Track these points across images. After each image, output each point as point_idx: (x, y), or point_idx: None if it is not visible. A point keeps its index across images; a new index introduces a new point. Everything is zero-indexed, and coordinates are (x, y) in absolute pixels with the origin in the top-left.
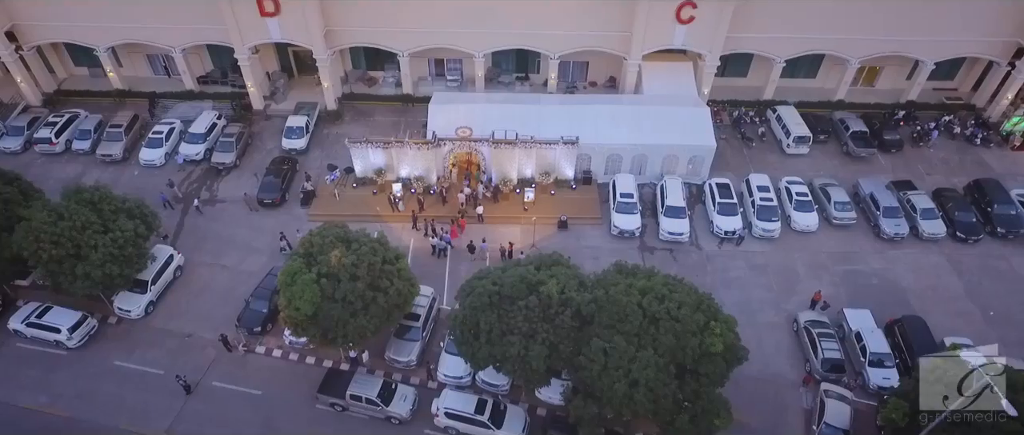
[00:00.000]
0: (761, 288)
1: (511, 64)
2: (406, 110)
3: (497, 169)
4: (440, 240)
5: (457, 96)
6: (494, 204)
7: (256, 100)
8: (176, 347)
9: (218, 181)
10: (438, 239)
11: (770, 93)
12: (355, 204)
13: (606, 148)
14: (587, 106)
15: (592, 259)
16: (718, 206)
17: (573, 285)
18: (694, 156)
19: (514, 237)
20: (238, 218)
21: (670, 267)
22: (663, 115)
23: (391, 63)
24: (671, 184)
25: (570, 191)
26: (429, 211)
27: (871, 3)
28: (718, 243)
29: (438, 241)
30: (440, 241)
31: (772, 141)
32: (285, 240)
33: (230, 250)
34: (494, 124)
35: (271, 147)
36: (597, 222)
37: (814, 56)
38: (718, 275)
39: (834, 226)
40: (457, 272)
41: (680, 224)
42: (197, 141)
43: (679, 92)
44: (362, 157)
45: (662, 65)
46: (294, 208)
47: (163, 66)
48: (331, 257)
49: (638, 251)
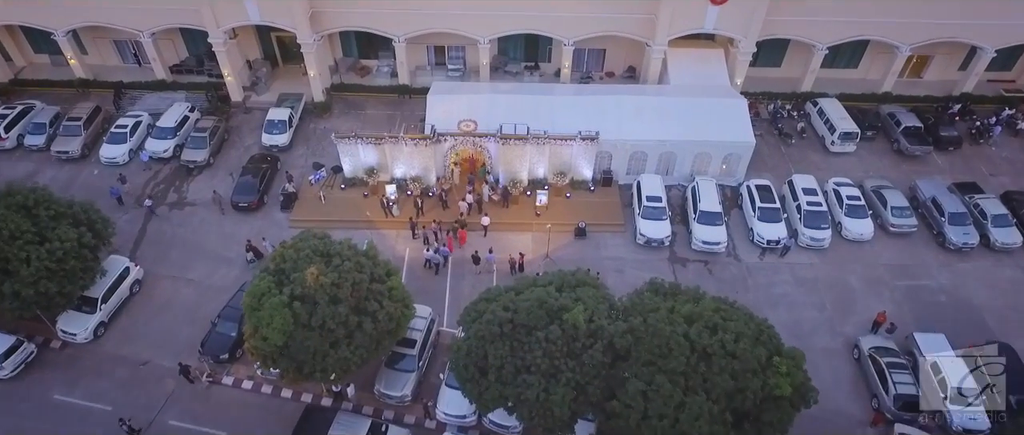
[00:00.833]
0: (812, 307)
1: (519, 52)
2: (402, 102)
3: (505, 169)
4: (435, 253)
5: (459, 86)
6: (502, 209)
7: (234, 91)
8: (129, 377)
9: (188, 181)
10: (433, 252)
11: (808, 84)
12: (343, 208)
13: (629, 145)
14: (607, 97)
15: (615, 272)
16: (759, 212)
17: (603, 311)
18: (729, 154)
19: (525, 247)
20: (208, 224)
21: (705, 282)
22: (694, 108)
23: (386, 50)
24: (704, 186)
25: (588, 194)
26: (428, 216)
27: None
28: (759, 254)
29: (433, 254)
30: (435, 254)
31: (813, 138)
32: (252, 250)
33: (198, 261)
34: (501, 117)
35: (250, 143)
36: (620, 229)
37: (857, 44)
38: (761, 292)
39: (891, 234)
40: (459, 288)
41: (716, 232)
42: (166, 136)
43: (709, 82)
44: (351, 155)
45: (689, 52)
46: (273, 212)
47: (133, 53)
48: (307, 275)
49: (668, 263)
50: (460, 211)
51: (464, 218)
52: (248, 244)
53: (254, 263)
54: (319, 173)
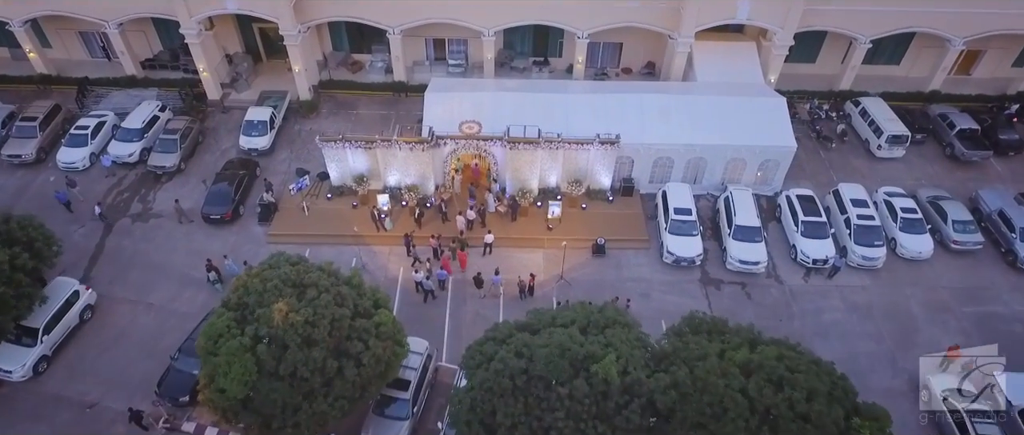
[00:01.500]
0: (868, 338)
1: (527, 45)
2: (398, 101)
3: (513, 177)
4: (427, 277)
5: (461, 83)
6: (509, 222)
7: (211, 88)
8: (71, 422)
9: (156, 190)
10: (424, 276)
11: (848, 82)
12: (328, 221)
13: (654, 149)
14: (628, 96)
15: (640, 297)
16: (802, 226)
17: (639, 359)
18: (767, 160)
19: (535, 266)
20: (175, 239)
21: (743, 308)
22: (727, 108)
23: (380, 44)
24: (740, 197)
25: (606, 205)
26: (425, 231)
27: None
28: (804, 275)
29: (424, 278)
30: (426, 279)
31: (855, 141)
32: (214, 270)
33: (161, 282)
34: (509, 118)
35: (227, 146)
36: (644, 246)
37: (900, 38)
38: (808, 320)
39: (952, 252)
40: (461, 314)
41: (755, 250)
42: (131, 138)
43: (740, 79)
44: (338, 160)
45: (718, 46)
46: (250, 226)
47: (101, 46)
48: (274, 312)
49: (699, 285)
50: (459, 229)
51: (464, 238)
52: (209, 263)
53: (219, 287)
54: (301, 181)
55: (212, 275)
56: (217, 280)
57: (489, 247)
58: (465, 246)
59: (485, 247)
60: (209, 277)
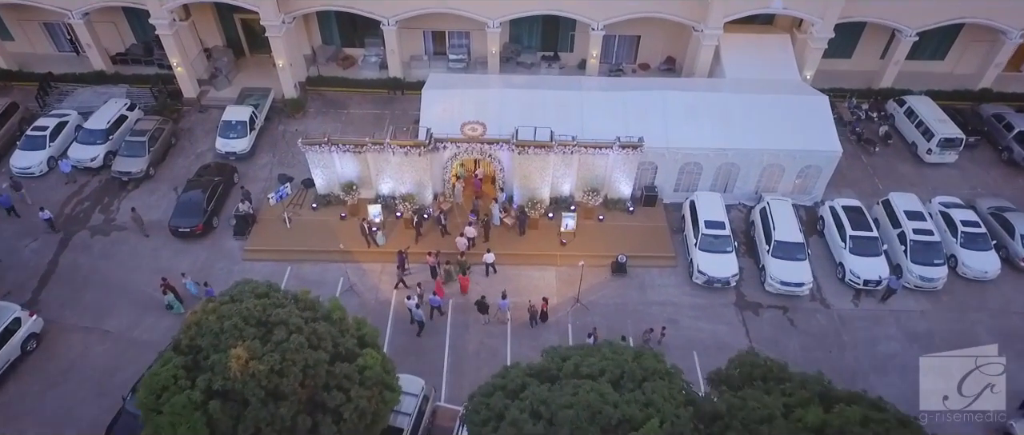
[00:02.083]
0: None
1: (535, 39)
2: (393, 100)
3: (522, 185)
4: (417, 305)
5: (463, 79)
6: (518, 237)
7: (187, 85)
8: None
9: (121, 198)
10: (416, 303)
11: (889, 79)
12: (313, 234)
13: (680, 154)
14: (651, 94)
15: (669, 323)
16: (850, 242)
17: (686, 422)
18: (807, 167)
19: (547, 287)
20: (140, 255)
21: (787, 338)
22: (763, 107)
23: (374, 37)
24: (779, 208)
25: (626, 216)
26: (420, 246)
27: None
28: (853, 297)
29: (415, 306)
30: (417, 306)
31: (899, 144)
32: (171, 290)
33: (120, 306)
34: (516, 119)
35: (204, 149)
36: (670, 264)
37: (945, 30)
38: (862, 351)
39: (1021, 271)
40: (462, 344)
41: (798, 269)
42: (94, 141)
43: (774, 76)
44: (324, 166)
45: (748, 38)
46: (224, 240)
47: (69, 40)
48: (231, 359)
49: (735, 310)
50: (459, 249)
51: (464, 260)
52: (164, 284)
53: (181, 313)
54: (282, 189)
55: (168, 297)
56: (175, 303)
57: (491, 267)
58: (466, 269)
59: (487, 267)
60: (165, 300)
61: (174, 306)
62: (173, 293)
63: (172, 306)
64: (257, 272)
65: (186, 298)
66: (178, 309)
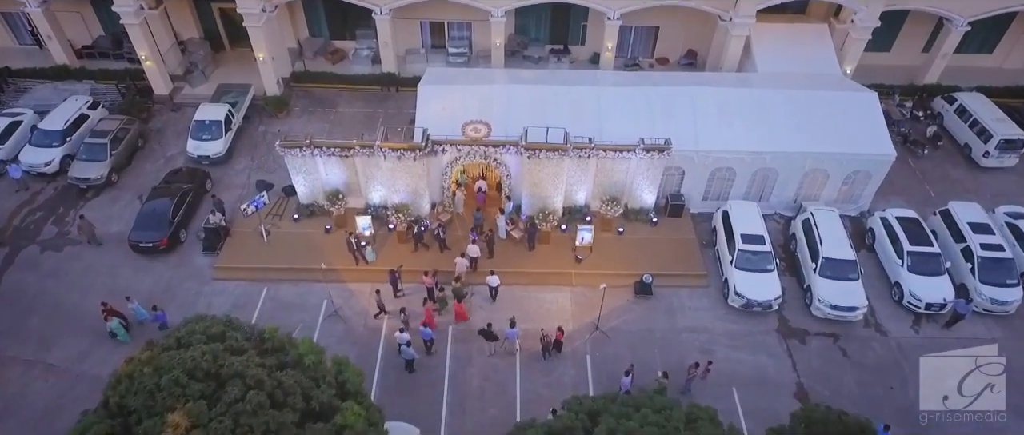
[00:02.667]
0: (1018, 415)
1: (544, 30)
2: (387, 97)
3: (531, 193)
4: (408, 344)
5: (464, 74)
6: (527, 252)
7: (157, 81)
8: None
9: (78, 208)
10: (407, 338)
11: (935, 74)
12: (294, 249)
13: (711, 157)
14: (678, 89)
15: (701, 354)
16: (909, 259)
17: None
18: (855, 172)
19: (562, 311)
20: (96, 272)
21: (840, 371)
22: (804, 104)
23: (365, 28)
24: (826, 220)
25: (649, 228)
26: (418, 262)
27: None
28: (912, 323)
29: (406, 342)
30: (408, 342)
31: (949, 146)
32: (116, 315)
33: (69, 333)
34: (524, 118)
35: (175, 152)
36: (701, 283)
37: (995, 21)
38: None
39: None
40: (464, 380)
41: (850, 291)
42: (49, 142)
43: (812, 70)
44: (306, 171)
45: (781, 29)
46: (193, 256)
47: (30, 31)
48: (168, 428)
49: (777, 338)
50: (457, 273)
51: (460, 287)
52: (106, 309)
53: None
54: (258, 198)
55: (113, 323)
56: (120, 330)
57: (494, 292)
58: (463, 296)
59: (491, 291)
60: (109, 327)
61: (119, 334)
62: (120, 319)
63: (116, 334)
64: (228, 294)
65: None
66: (124, 338)
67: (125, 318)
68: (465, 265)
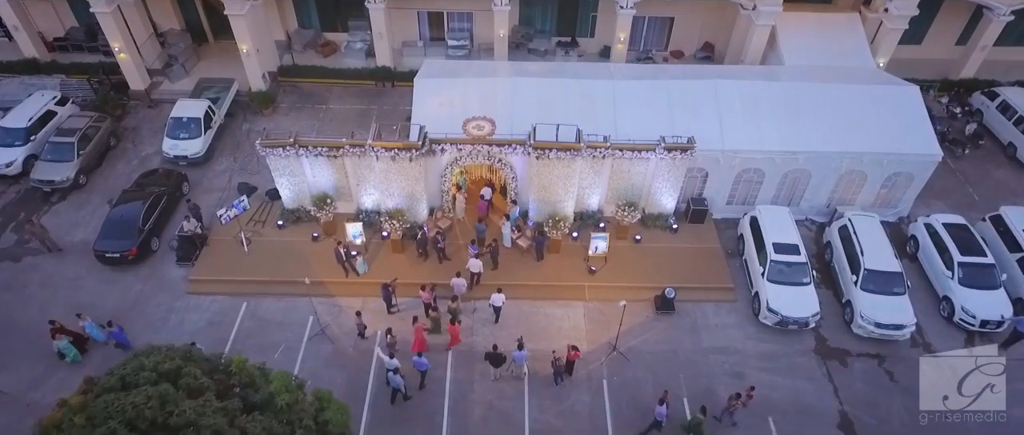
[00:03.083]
0: None
1: (550, 22)
2: (381, 93)
3: (540, 198)
4: (396, 371)
5: (465, 67)
6: (535, 263)
7: (133, 74)
8: None
9: (42, 213)
10: (396, 364)
11: (972, 69)
12: (277, 259)
13: (738, 158)
14: (701, 83)
15: (731, 378)
16: (960, 271)
17: None
18: (896, 174)
19: (575, 329)
20: (55, 286)
21: (888, 396)
22: (840, 100)
23: (359, 19)
24: (866, 227)
25: (669, 235)
26: (414, 274)
27: None
28: (964, 341)
29: (392, 365)
30: (396, 373)
31: (991, 145)
32: (66, 334)
33: (22, 356)
34: (532, 114)
35: (151, 152)
36: (727, 297)
37: None
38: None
39: None
40: (465, 409)
41: (897, 307)
42: (12, 142)
43: (842, 63)
44: (291, 173)
45: (809, 19)
46: (166, 267)
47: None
48: None
49: (816, 359)
50: (456, 291)
51: (456, 308)
52: (54, 327)
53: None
54: (238, 203)
55: (61, 343)
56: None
57: (497, 312)
58: (457, 318)
59: (494, 311)
60: (57, 347)
61: (69, 355)
62: (70, 338)
63: (65, 355)
64: (203, 310)
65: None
66: (75, 359)
67: (79, 336)
68: (462, 286)
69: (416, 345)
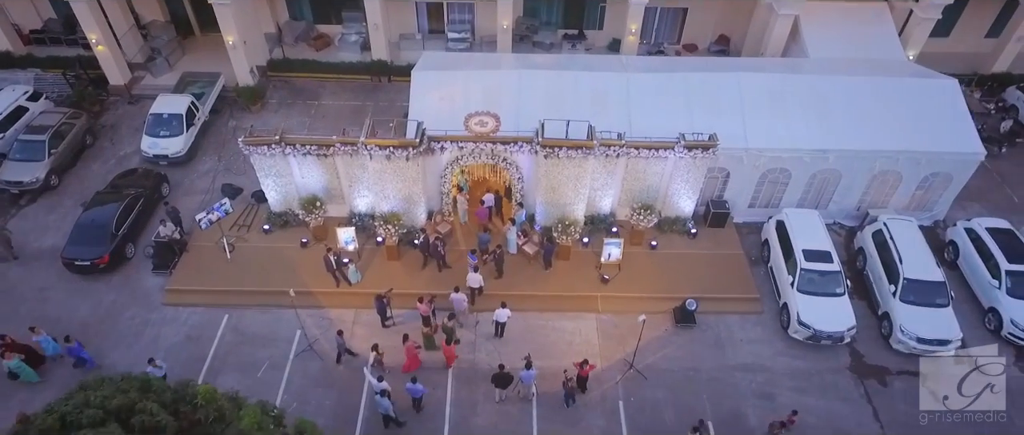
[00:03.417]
0: None
1: (556, 13)
2: (377, 88)
3: (548, 200)
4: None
5: (467, 59)
6: (542, 271)
7: (112, 68)
8: None
9: (9, 217)
10: (377, 379)
11: (1005, 62)
12: (262, 268)
13: (763, 157)
14: (722, 76)
15: (760, 400)
16: (1007, 280)
17: None
18: (933, 174)
19: (587, 343)
20: (18, 297)
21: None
22: (872, 94)
23: (354, 10)
24: (903, 232)
25: (687, 241)
26: (411, 284)
27: None
28: (1015, 358)
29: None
30: (383, 392)
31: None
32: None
33: None
34: (539, 109)
35: (130, 151)
36: (753, 309)
37: None
38: None
39: None
40: (468, 433)
41: (941, 320)
42: None
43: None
44: (277, 174)
45: (834, 8)
46: (142, 275)
47: None
48: None
49: (852, 377)
50: (455, 308)
51: (452, 326)
52: (5, 343)
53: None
54: (219, 206)
55: (12, 362)
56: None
57: (500, 328)
58: (453, 337)
59: (496, 327)
60: (8, 367)
61: (23, 373)
62: (22, 355)
63: (17, 374)
64: (181, 323)
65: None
66: (30, 377)
67: (34, 353)
68: (463, 302)
69: (408, 366)
